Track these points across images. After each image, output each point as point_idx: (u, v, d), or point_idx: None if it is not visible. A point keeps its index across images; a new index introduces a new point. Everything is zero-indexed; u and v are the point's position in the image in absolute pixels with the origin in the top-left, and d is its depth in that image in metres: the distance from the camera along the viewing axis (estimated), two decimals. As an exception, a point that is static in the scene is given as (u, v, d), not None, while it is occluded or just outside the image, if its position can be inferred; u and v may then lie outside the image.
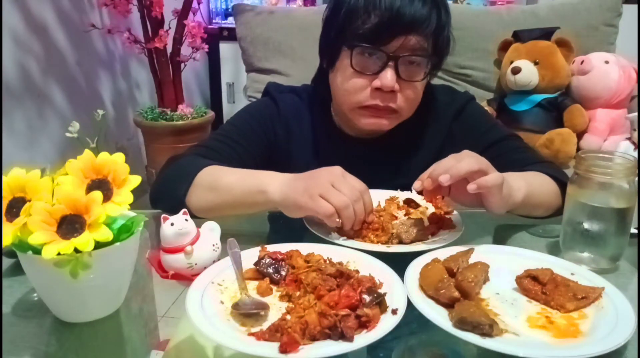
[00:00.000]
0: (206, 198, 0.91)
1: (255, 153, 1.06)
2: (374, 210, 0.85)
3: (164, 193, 0.96)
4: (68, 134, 0.70)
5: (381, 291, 0.64)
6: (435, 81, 1.12)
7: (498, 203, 0.81)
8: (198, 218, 0.88)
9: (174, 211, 0.75)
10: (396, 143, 1.08)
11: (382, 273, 0.70)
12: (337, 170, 0.82)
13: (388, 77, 0.94)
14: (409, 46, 0.93)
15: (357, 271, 0.71)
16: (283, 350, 0.54)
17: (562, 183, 0.94)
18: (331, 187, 0.79)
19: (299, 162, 1.07)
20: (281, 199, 0.84)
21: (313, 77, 1.14)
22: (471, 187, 0.77)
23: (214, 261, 0.74)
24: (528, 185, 0.88)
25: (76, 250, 0.58)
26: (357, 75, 0.96)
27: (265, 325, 0.60)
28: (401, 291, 0.66)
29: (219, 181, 0.91)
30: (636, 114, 1.89)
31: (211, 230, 0.76)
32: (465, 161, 0.78)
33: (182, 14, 2.37)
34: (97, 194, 0.61)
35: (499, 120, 1.63)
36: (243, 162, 1.01)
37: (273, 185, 0.85)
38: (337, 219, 0.78)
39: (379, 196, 0.93)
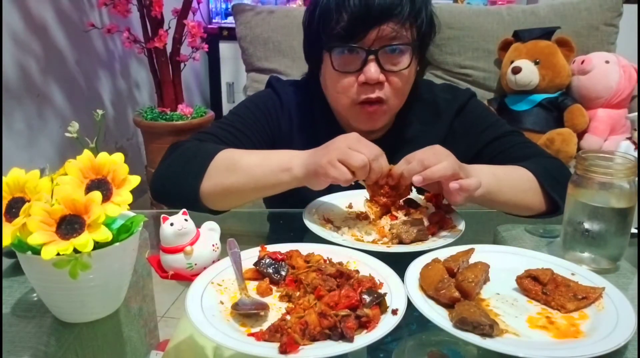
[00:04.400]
0: (224, 181, 0.88)
1: (257, 142, 1.05)
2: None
3: (174, 182, 0.92)
4: (67, 134, 0.70)
5: (381, 291, 0.64)
6: (435, 81, 1.11)
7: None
8: (202, 213, 0.87)
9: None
10: (397, 139, 1.07)
11: (382, 273, 0.70)
12: (353, 135, 0.84)
13: (372, 70, 0.93)
14: (386, 36, 0.92)
15: (357, 271, 0.71)
16: (283, 350, 0.54)
17: (553, 180, 0.92)
18: (348, 149, 0.80)
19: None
20: (304, 174, 0.84)
21: (307, 77, 1.14)
22: (454, 186, 0.80)
23: (213, 261, 0.73)
24: (496, 181, 0.88)
25: (75, 250, 0.58)
26: (342, 75, 0.96)
27: (265, 326, 0.60)
28: (401, 292, 0.65)
29: (239, 162, 0.89)
30: (636, 114, 1.89)
31: (211, 230, 0.75)
32: (441, 165, 0.80)
33: (182, 14, 2.36)
34: (97, 195, 0.61)
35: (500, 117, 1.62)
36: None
37: (295, 162, 0.85)
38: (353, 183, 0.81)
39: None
